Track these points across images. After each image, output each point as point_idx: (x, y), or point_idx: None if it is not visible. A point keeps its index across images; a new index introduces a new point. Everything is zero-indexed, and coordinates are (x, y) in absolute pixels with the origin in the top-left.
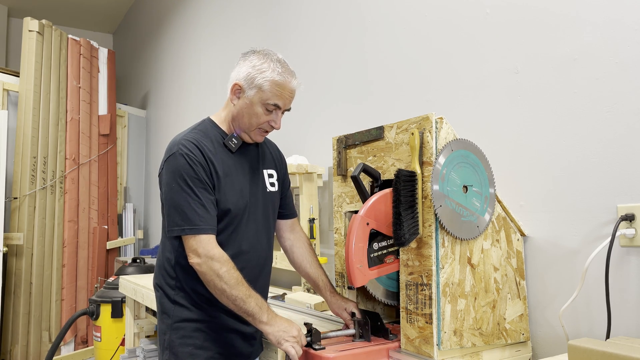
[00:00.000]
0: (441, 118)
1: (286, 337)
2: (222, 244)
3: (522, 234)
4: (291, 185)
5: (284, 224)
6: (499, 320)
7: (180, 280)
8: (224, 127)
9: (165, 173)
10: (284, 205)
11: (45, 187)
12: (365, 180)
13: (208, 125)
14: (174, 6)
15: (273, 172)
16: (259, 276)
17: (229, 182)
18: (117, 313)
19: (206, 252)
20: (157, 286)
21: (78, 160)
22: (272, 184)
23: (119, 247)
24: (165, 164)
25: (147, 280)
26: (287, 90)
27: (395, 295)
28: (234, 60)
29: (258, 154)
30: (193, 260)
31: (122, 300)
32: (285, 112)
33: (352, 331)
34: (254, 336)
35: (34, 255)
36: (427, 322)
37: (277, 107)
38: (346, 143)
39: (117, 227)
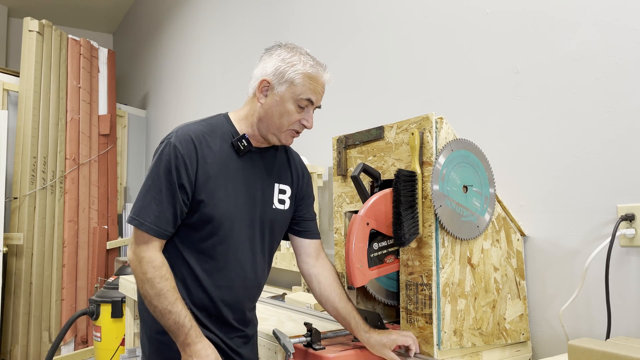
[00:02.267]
0: (441, 118)
1: None
2: (203, 253)
3: (522, 234)
4: None
5: (307, 246)
6: (499, 320)
7: None
8: (239, 126)
9: (154, 157)
10: (305, 223)
11: (45, 187)
12: (365, 180)
13: (221, 120)
14: (174, 6)
15: (287, 188)
16: (242, 301)
17: (221, 186)
18: (117, 313)
19: (140, 251)
20: (139, 291)
21: (78, 160)
22: (282, 201)
23: (119, 247)
24: (158, 147)
25: None
26: (320, 84)
27: (395, 295)
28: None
29: (274, 165)
30: (128, 253)
31: (122, 300)
32: (316, 110)
33: None
34: (239, 352)
35: (34, 255)
36: (427, 322)
37: (310, 102)
38: (346, 143)
39: (117, 227)
